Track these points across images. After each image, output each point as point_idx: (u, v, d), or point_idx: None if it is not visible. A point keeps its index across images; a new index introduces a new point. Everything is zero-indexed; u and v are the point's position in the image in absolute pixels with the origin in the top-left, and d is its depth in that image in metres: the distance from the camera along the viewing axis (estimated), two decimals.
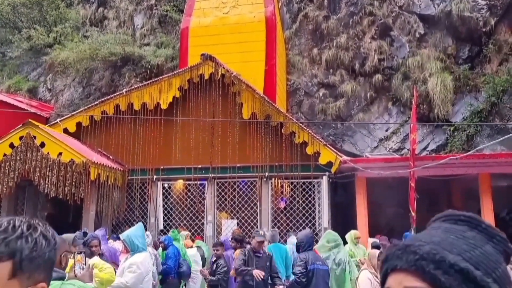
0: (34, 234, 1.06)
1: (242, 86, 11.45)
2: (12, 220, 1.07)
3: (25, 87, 18.66)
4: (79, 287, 2.69)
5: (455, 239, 0.84)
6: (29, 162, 10.28)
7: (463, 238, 0.85)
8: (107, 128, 12.09)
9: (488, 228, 0.87)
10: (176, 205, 11.65)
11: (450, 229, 0.87)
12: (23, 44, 19.24)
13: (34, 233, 1.06)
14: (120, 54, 16.54)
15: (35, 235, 1.06)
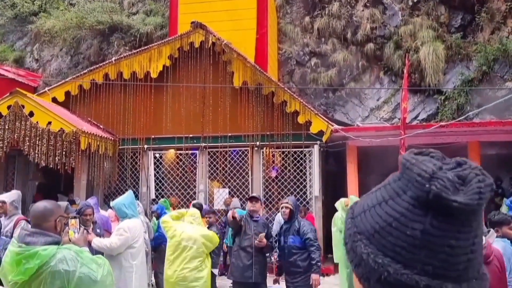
0: None
1: (233, 55, 11.31)
2: None
3: (11, 56, 18.29)
4: (75, 251, 2.70)
5: (367, 197, 0.78)
6: (18, 131, 10.15)
7: (372, 194, 0.78)
8: (96, 97, 11.94)
9: (411, 169, 0.69)
10: (167, 175, 11.67)
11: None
12: (7, 12, 18.76)
13: None
14: (108, 22, 16.20)
15: None
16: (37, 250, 2.56)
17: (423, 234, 0.64)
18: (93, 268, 2.68)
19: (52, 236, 2.71)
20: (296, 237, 5.59)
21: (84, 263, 2.65)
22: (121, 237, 5.09)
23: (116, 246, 5.03)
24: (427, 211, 0.64)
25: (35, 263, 2.54)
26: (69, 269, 2.58)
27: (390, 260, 0.66)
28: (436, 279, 0.63)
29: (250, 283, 5.73)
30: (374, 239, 0.69)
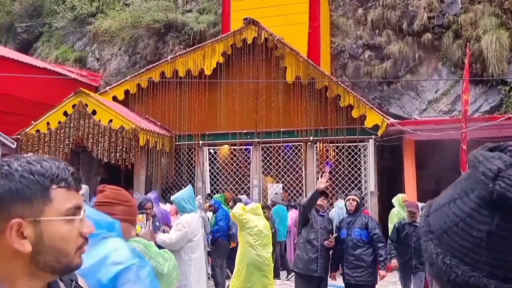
0: None
1: (285, 50, 11.29)
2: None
3: (71, 57, 19.20)
4: (144, 245, 2.80)
5: (441, 194, 0.74)
6: (82, 129, 10.70)
7: (446, 191, 0.73)
8: (153, 95, 12.33)
9: (477, 167, 0.64)
10: (222, 170, 11.87)
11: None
12: (68, 14, 19.64)
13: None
14: (163, 21, 16.63)
15: None
16: None
17: (490, 236, 0.61)
18: (160, 262, 2.76)
19: None
20: (363, 231, 5.59)
21: (152, 256, 2.73)
22: (180, 232, 5.23)
23: (176, 241, 5.18)
24: (494, 211, 0.61)
25: None
26: None
27: (458, 262, 0.65)
28: (507, 282, 0.60)
29: (314, 276, 5.73)
30: (443, 239, 0.68)
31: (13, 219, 0.94)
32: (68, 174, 1.03)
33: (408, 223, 6.27)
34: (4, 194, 0.94)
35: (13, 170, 0.96)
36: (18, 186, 0.95)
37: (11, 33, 20.70)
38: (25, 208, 0.96)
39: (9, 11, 20.74)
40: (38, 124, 11.15)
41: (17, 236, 0.94)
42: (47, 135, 10.94)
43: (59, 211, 1.00)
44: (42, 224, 0.97)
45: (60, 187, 1.01)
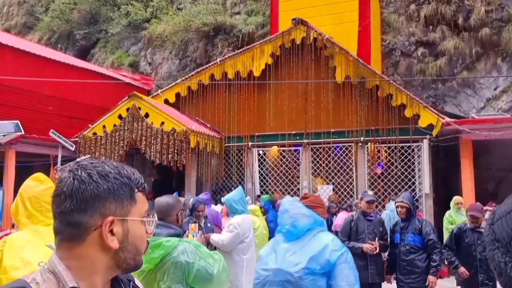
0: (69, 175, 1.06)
1: (335, 49, 11.13)
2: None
3: (126, 61, 19.89)
4: (194, 245, 2.84)
5: (507, 201, 0.75)
6: (135, 131, 11.05)
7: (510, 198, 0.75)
8: (203, 97, 12.53)
9: None
10: (271, 171, 11.87)
11: None
12: (123, 21, 20.37)
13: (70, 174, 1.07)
14: (212, 24, 16.88)
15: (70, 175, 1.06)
16: (162, 241, 2.74)
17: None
18: (210, 263, 2.79)
19: (174, 228, 2.89)
20: (416, 236, 5.35)
21: (202, 257, 2.78)
22: (232, 233, 5.26)
23: (228, 243, 5.21)
24: None
25: (160, 253, 2.72)
26: (189, 261, 2.72)
27: None
28: None
29: (366, 283, 5.56)
30: (511, 247, 0.65)
31: (108, 217, 1.03)
32: (142, 181, 1.13)
33: (471, 229, 5.36)
34: (102, 193, 1.04)
35: (107, 171, 1.07)
36: (114, 186, 1.05)
37: (70, 40, 21.74)
38: (117, 208, 1.05)
39: (69, 19, 21.79)
40: (95, 127, 11.63)
41: (108, 232, 1.04)
42: (103, 138, 11.38)
43: (140, 212, 1.10)
44: (128, 223, 1.07)
45: (140, 191, 1.11)
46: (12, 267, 2.31)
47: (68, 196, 1.03)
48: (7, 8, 25.20)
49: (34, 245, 2.45)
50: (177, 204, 3.06)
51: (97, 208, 1.03)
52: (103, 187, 1.04)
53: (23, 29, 23.47)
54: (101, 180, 1.04)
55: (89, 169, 1.06)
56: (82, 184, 1.03)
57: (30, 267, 2.32)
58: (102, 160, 1.11)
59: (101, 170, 1.06)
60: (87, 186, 1.03)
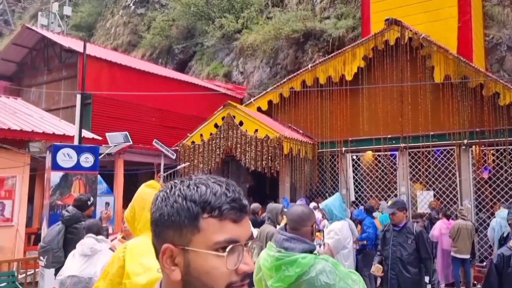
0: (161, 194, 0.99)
1: (432, 48, 10.60)
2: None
3: (221, 72, 20.67)
4: (332, 264, 2.49)
5: None
6: (231, 139, 11.44)
7: None
8: (295, 104, 12.61)
9: None
10: (366, 177, 11.58)
11: None
12: (217, 33, 21.22)
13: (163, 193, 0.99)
14: (302, 30, 16.95)
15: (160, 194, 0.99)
16: (297, 257, 2.44)
17: None
18: (350, 284, 2.45)
19: (309, 243, 2.58)
20: None
21: (341, 278, 2.44)
22: (333, 240, 5.20)
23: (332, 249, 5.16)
24: None
25: (295, 272, 2.43)
26: (330, 282, 2.39)
27: None
28: None
29: None
30: None
31: (166, 244, 0.93)
32: (223, 201, 0.92)
33: None
34: (159, 218, 0.94)
35: (171, 194, 0.95)
36: (170, 211, 0.93)
37: (170, 54, 23.15)
38: (175, 235, 0.92)
39: (168, 35, 23.24)
40: (193, 136, 12.24)
41: (170, 262, 0.94)
42: (201, 146, 11.94)
43: (207, 243, 0.90)
44: (189, 254, 0.91)
45: (212, 216, 0.91)
46: (134, 273, 2.40)
47: (151, 215, 1.00)
48: (114, 29, 27.55)
49: (152, 252, 2.59)
50: (311, 213, 2.72)
51: (160, 233, 0.95)
52: (162, 211, 0.94)
53: (128, 47, 25.47)
54: (161, 202, 0.95)
55: (164, 189, 0.98)
56: (153, 206, 0.98)
57: (150, 273, 2.40)
58: (190, 178, 0.99)
59: (168, 192, 0.96)
60: (153, 208, 0.98)
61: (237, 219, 0.93)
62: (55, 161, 8.26)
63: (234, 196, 0.93)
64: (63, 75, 14.94)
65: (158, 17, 24.26)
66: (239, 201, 0.94)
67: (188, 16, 22.83)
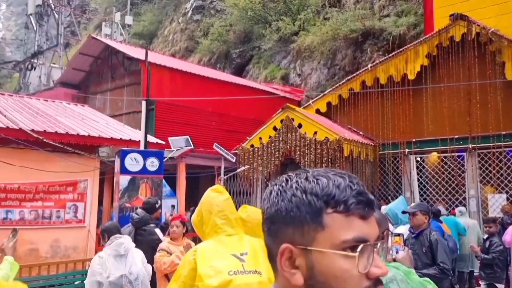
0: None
1: (503, 43, 10.01)
2: None
3: (278, 75, 20.74)
4: (404, 272, 2.35)
5: None
6: (290, 142, 11.42)
7: None
8: (355, 105, 12.37)
9: None
10: (432, 179, 11.13)
11: None
12: (273, 36, 21.33)
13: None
14: (360, 29, 16.63)
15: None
16: None
17: None
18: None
19: None
20: None
21: (413, 287, 2.31)
22: None
23: None
24: None
25: None
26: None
27: None
28: None
29: None
30: None
31: (284, 244, 0.82)
32: (349, 194, 0.82)
33: None
34: (275, 214, 0.85)
35: (287, 187, 0.85)
36: (288, 206, 0.83)
37: (227, 59, 23.57)
38: (295, 233, 0.82)
39: (225, 40, 23.69)
40: (252, 139, 12.34)
41: (289, 265, 0.83)
42: (260, 149, 12.01)
43: (333, 242, 0.80)
44: (313, 254, 0.81)
45: (337, 211, 0.81)
46: (206, 275, 2.50)
47: (263, 212, 0.90)
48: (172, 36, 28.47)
49: (221, 255, 2.63)
50: (383, 221, 2.61)
51: (277, 231, 0.85)
52: (277, 206, 0.84)
53: (185, 53, 26.22)
54: (277, 197, 0.86)
55: (276, 182, 0.89)
56: (266, 201, 0.89)
57: (221, 275, 2.51)
58: (303, 171, 0.89)
59: (283, 185, 0.87)
60: (265, 204, 0.88)
61: (365, 215, 0.82)
62: (123, 165, 8.65)
63: (359, 189, 0.83)
64: (126, 82, 15.63)
65: (216, 23, 24.80)
66: (365, 194, 0.83)
67: (245, 21, 23.14)
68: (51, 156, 8.95)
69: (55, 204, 9.17)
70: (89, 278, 4.23)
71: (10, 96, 12.52)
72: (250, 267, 2.61)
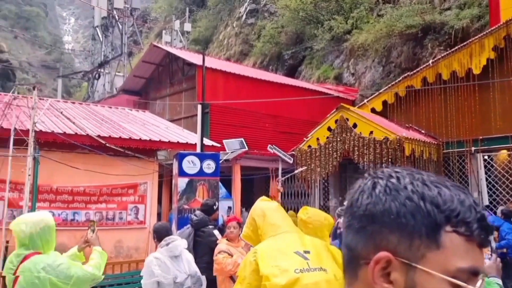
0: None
1: None
2: None
3: (331, 75, 20.40)
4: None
5: None
6: (347, 142, 11.15)
7: None
8: (415, 103, 11.88)
9: None
10: (502, 178, 10.46)
11: None
12: (326, 36, 21.02)
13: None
14: (420, 24, 15.98)
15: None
16: None
17: None
18: None
19: None
20: None
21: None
22: None
23: None
24: None
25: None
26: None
27: None
28: None
29: None
30: None
31: (383, 252, 0.71)
32: (474, 217, 0.70)
33: None
34: (380, 214, 0.72)
35: (401, 187, 0.73)
36: (401, 210, 0.70)
37: (280, 60, 23.50)
38: (401, 243, 0.70)
39: (277, 42, 23.64)
40: (309, 140, 12.16)
41: (381, 276, 0.71)
42: (317, 150, 11.81)
43: (447, 266, 0.68)
44: (417, 273, 0.69)
45: (458, 232, 0.69)
46: (272, 275, 2.49)
47: (348, 207, 0.78)
48: (226, 40, 28.82)
49: (284, 253, 2.61)
50: None
51: (372, 233, 0.73)
52: (384, 205, 0.72)
53: (240, 56, 26.43)
54: (385, 195, 0.73)
55: (381, 177, 0.77)
56: (361, 195, 0.76)
57: (288, 274, 2.49)
58: (418, 172, 0.77)
59: (394, 183, 0.74)
60: (364, 198, 0.75)
61: (484, 244, 0.71)
62: (181, 168, 8.77)
63: (482, 213, 0.71)
64: (184, 87, 15.94)
65: (267, 25, 24.81)
66: (487, 220, 0.71)
67: (296, 22, 22.98)
68: (113, 160, 9.25)
69: (118, 206, 9.47)
70: (147, 279, 4.25)
71: (80, 104, 13.24)
72: (315, 265, 2.59)
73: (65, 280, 2.94)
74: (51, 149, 8.50)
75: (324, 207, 12.70)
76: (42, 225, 3.02)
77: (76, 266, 3.08)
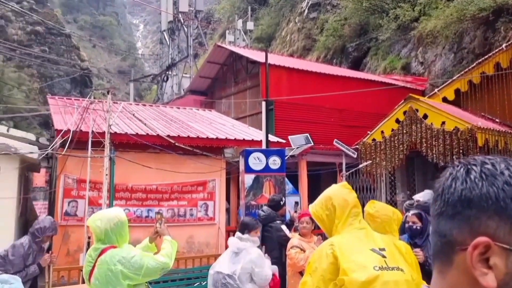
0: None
1: None
2: None
3: (398, 65, 19.74)
4: None
5: None
6: (414, 134, 10.81)
7: None
8: (488, 90, 11.27)
9: None
10: None
11: None
12: (391, 25, 20.35)
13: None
14: (491, 7, 15.06)
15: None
16: None
17: None
18: None
19: None
20: None
21: None
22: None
23: None
24: None
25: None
26: None
27: None
28: None
29: None
30: None
31: (482, 237, 0.71)
32: None
33: None
34: (477, 199, 0.73)
35: (497, 173, 0.75)
36: (500, 194, 0.72)
37: (343, 53, 23.13)
38: (500, 228, 0.71)
39: (341, 35, 23.27)
40: (374, 134, 11.93)
41: (479, 261, 0.72)
42: (382, 143, 11.57)
43: None
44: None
45: None
46: (349, 269, 2.44)
47: (439, 195, 0.80)
48: (289, 36, 28.82)
49: (360, 249, 2.58)
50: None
51: (468, 218, 0.73)
52: (482, 190, 0.73)
53: (303, 52, 26.32)
54: (481, 180, 0.74)
55: (474, 164, 0.78)
56: (454, 182, 0.77)
57: (367, 270, 2.45)
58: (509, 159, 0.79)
59: (490, 168, 0.76)
60: (458, 185, 0.77)
61: None
62: (247, 164, 9.00)
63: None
64: (248, 85, 16.22)
65: (330, 19, 24.49)
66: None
67: (360, 13, 22.48)
68: (182, 159, 9.68)
69: (188, 203, 9.90)
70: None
71: (150, 106, 14.00)
72: (392, 264, 2.53)
73: (136, 271, 3.22)
74: (125, 149, 9.05)
75: (391, 202, 12.39)
76: (115, 221, 3.32)
77: (148, 257, 3.35)
